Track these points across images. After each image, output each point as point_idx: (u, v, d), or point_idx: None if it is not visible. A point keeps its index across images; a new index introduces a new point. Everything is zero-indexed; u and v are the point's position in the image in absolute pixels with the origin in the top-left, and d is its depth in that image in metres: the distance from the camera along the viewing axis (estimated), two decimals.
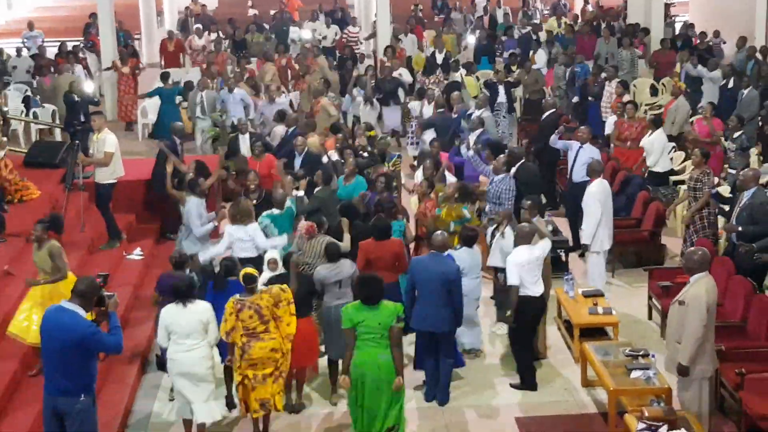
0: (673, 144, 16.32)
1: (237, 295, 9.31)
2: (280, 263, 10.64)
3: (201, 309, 9.24)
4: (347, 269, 10.42)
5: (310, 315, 10.25)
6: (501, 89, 18.72)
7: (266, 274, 10.44)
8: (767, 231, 11.31)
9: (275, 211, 12.12)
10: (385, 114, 19.26)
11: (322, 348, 10.55)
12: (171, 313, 9.22)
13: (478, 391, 10.58)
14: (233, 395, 9.80)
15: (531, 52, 22.18)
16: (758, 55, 20.28)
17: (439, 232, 10.75)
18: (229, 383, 9.94)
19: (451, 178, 13.75)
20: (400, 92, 19.73)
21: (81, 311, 7.73)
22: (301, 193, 12.85)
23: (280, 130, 16.48)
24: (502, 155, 13.41)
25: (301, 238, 11.28)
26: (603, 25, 24.64)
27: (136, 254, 13.50)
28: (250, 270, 9.38)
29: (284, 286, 9.54)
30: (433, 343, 10.27)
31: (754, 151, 15.67)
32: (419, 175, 13.83)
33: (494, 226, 11.74)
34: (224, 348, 9.60)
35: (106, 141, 13.28)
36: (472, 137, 15.41)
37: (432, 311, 10.09)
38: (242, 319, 9.20)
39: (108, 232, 13.61)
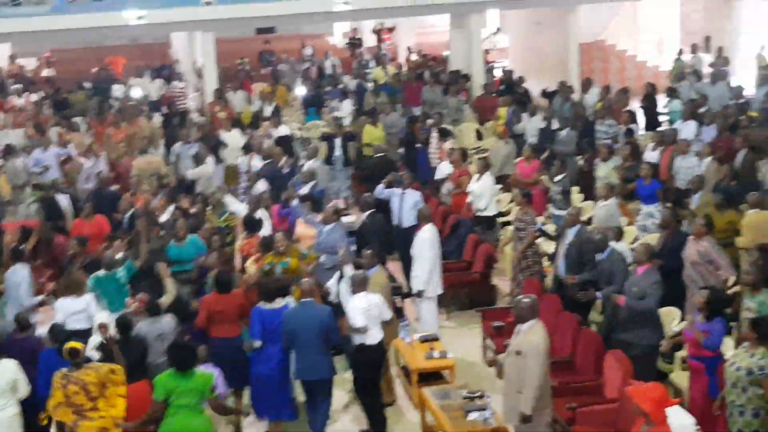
0: (500, 186, 16.76)
1: (64, 369, 9.00)
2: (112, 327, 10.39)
3: (6, 369, 9.14)
4: (167, 324, 10.38)
5: (144, 379, 9.97)
6: (338, 142, 18.74)
7: (96, 338, 10.16)
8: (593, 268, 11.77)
9: (100, 273, 11.83)
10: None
11: None
12: None
13: None
14: None
15: (336, 101, 22.46)
16: (573, 97, 21.19)
17: (305, 279, 10.84)
18: None
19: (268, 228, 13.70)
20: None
21: None
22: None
23: None
24: (330, 205, 13.50)
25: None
26: (427, 73, 25.17)
27: None
28: (74, 344, 9.01)
29: (116, 367, 9.17)
30: (313, 390, 10.32)
31: (575, 189, 16.25)
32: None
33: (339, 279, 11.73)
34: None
35: None
36: (305, 189, 15.43)
37: (313, 360, 10.10)
38: (69, 395, 8.88)
39: None
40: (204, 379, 8.86)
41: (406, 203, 14.34)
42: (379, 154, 17.17)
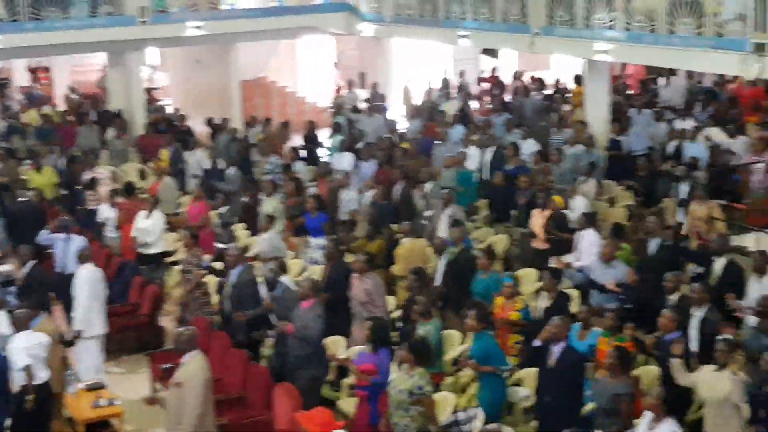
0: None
1: None
2: None
3: None
4: None
5: None
6: None
7: None
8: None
9: None
10: None
11: None
12: None
13: None
14: None
15: None
16: (238, 135, 21.47)
17: None
18: None
19: None
20: None
21: None
22: None
23: None
24: None
25: None
26: (87, 113, 24.45)
27: None
28: None
29: None
30: None
31: (240, 226, 16.41)
32: None
33: None
34: None
35: None
36: None
37: None
38: None
39: None
40: None
41: (70, 249, 13.89)
42: (22, 199, 16.41)
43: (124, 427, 10.87)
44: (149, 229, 15.08)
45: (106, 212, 16.36)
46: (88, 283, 12.24)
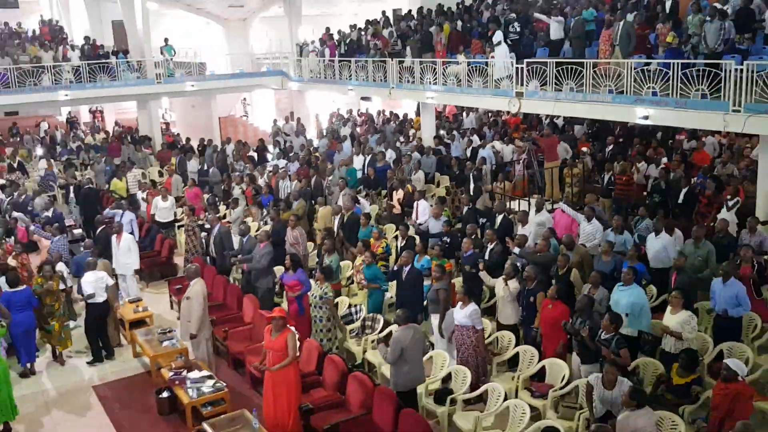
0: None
1: None
2: None
3: None
4: None
5: None
6: (72, 189, 16.13)
7: None
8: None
9: None
10: None
11: None
12: None
13: (63, 374, 9.57)
14: None
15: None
16: (217, 147, 20.79)
17: None
18: None
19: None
20: None
21: None
22: None
23: None
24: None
25: None
26: (126, 137, 23.42)
27: None
28: None
29: None
30: None
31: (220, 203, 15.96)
32: None
33: None
34: None
35: None
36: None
37: None
38: None
39: None
40: None
41: (123, 219, 13.04)
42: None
43: (153, 323, 10.51)
44: (167, 207, 14.53)
45: (140, 197, 15.75)
46: (131, 242, 11.74)
